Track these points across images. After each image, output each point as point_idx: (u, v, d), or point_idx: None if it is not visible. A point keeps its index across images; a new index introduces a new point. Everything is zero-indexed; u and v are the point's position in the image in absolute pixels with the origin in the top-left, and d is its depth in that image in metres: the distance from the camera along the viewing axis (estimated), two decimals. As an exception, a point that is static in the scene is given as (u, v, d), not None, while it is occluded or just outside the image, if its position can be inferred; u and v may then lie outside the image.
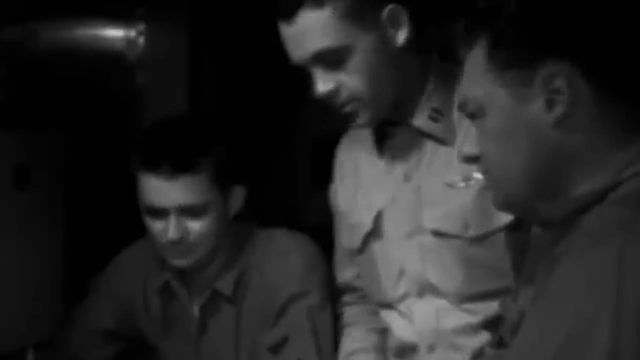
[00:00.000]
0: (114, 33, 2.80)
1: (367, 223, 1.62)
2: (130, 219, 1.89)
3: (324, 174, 1.82)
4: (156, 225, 1.80)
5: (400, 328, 1.62)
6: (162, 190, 1.76)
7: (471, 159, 1.19)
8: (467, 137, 1.22)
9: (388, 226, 1.60)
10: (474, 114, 1.16)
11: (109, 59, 2.79)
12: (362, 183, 1.66)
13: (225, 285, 1.86)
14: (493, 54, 1.12)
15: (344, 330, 1.79)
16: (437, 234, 1.53)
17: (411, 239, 1.56)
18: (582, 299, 0.98)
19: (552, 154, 1.10)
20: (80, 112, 2.65)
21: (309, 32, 1.46)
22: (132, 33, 2.80)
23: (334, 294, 1.83)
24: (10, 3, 2.44)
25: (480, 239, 1.50)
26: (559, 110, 1.08)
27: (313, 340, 1.80)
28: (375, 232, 1.62)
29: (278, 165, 3.26)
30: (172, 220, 1.77)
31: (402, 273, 1.58)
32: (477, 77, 1.15)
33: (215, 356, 1.90)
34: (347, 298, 1.81)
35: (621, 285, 0.96)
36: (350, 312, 1.80)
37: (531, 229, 1.28)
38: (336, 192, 1.75)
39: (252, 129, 3.00)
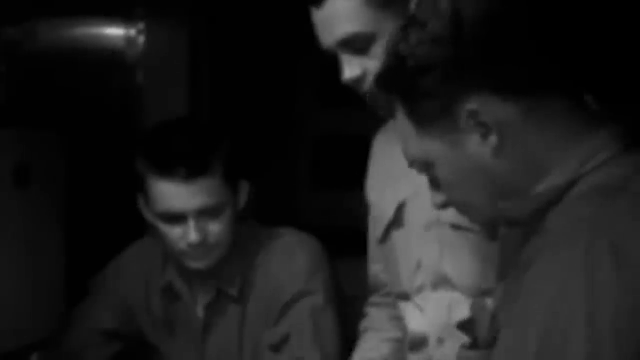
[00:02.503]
0: (114, 32, 2.80)
1: (389, 213, 1.63)
2: (132, 218, 1.88)
3: (323, 175, 1.81)
4: (174, 231, 1.78)
5: (414, 320, 1.62)
6: (179, 195, 1.74)
7: (444, 206, 1.22)
8: None
9: (409, 217, 1.61)
10: (425, 169, 1.18)
11: (109, 58, 2.79)
12: (392, 175, 1.66)
13: (232, 285, 1.86)
14: (412, 113, 1.15)
15: (361, 334, 1.78)
16: (455, 227, 1.53)
17: (430, 231, 1.57)
18: (554, 303, 0.98)
19: (505, 175, 1.12)
20: (81, 112, 2.65)
21: (337, 18, 1.46)
22: (132, 32, 2.80)
23: (366, 291, 1.81)
24: (10, 3, 2.43)
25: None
26: (492, 140, 1.09)
27: (314, 340, 1.80)
28: (396, 223, 1.62)
29: (278, 165, 3.26)
30: (192, 224, 1.75)
31: (419, 265, 1.59)
32: (409, 137, 1.17)
33: (219, 356, 1.89)
34: (373, 299, 1.80)
35: (592, 285, 0.96)
36: (372, 317, 1.79)
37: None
38: (368, 187, 1.75)
39: (252, 129, 3.00)
